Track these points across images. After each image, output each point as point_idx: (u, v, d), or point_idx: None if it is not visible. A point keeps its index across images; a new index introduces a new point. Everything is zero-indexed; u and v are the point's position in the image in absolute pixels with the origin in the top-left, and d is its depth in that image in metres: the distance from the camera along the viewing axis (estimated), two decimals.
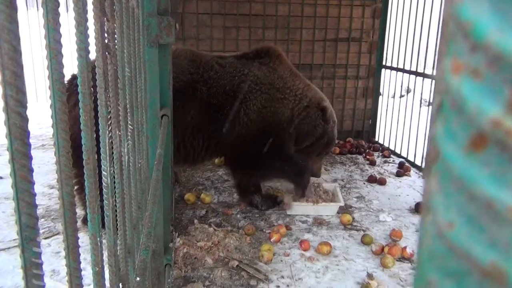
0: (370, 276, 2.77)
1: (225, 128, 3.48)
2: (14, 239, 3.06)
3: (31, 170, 0.41)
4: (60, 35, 0.52)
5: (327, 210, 3.63)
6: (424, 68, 4.93)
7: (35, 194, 0.42)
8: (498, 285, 0.18)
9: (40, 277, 0.43)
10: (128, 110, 1.16)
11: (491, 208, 0.19)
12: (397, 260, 2.96)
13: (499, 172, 0.19)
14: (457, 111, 0.20)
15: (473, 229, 0.19)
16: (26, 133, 0.40)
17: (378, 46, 5.64)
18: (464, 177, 0.20)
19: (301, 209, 3.63)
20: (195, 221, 3.44)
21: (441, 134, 0.21)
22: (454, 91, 0.20)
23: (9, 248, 2.95)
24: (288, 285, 2.69)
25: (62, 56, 0.53)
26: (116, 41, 0.99)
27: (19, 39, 0.38)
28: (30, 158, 0.40)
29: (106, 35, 0.85)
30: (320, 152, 3.88)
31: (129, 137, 1.16)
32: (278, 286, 2.68)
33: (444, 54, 0.21)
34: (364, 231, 3.40)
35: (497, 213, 0.18)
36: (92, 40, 0.78)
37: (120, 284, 0.93)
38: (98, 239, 0.72)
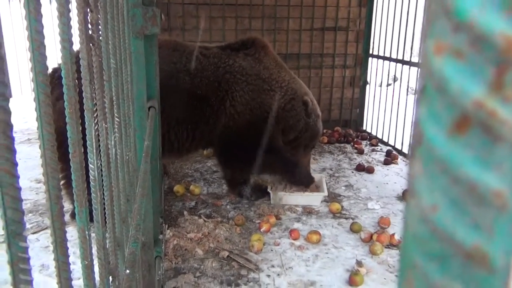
0: (359, 263, 2.80)
1: (211, 119, 3.45)
2: (1, 235, 3.03)
3: (15, 164, 0.40)
4: (42, 26, 0.51)
5: (310, 200, 3.65)
6: (411, 57, 4.96)
7: (20, 188, 0.41)
8: (480, 267, 0.19)
9: (28, 271, 0.43)
10: (115, 102, 1.15)
11: (474, 190, 0.19)
12: (385, 247, 3.00)
13: (482, 154, 0.19)
14: (440, 92, 0.20)
15: (456, 212, 0.19)
16: (9, 126, 0.39)
17: (364, 35, 5.65)
18: (447, 160, 0.20)
19: (284, 198, 3.65)
20: (185, 212, 3.44)
21: (424, 117, 0.21)
22: (437, 72, 0.20)
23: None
24: (278, 274, 2.71)
25: (44, 47, 0.52)
26: (100, 32, 0.98)
27: (0, 29, 0.37)
28: (14, 151, 0.40)
29: (90, 26, 0.84)
30: (306, 146, 3.85)
31: (116, 129, 1.15)
32: (269, 275, 2.69)
33: (427, 36, 0.21)
34: (352, 219, 3.44)
35: (480, 195, 0.19)
36: (76, 32, 0.76)
37: (110, 277, 0.93)
38: (87, 232, 0.71)
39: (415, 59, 4.98)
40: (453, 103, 0.19)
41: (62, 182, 2.84)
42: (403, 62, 5.03)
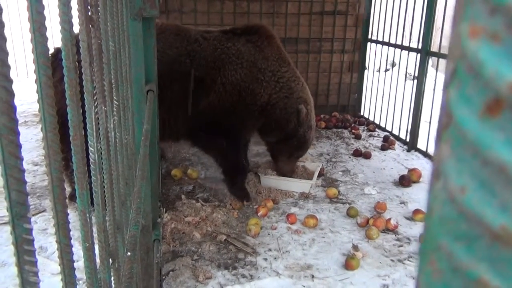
0: (355, 247, 2.83)
1: (201, 97, 3.35)
2: (2, 216, 3.04)
3: (19, 146, 0.40)
4: (43, 7, 0.51)
5: (298, 186, 3.65)
6: (410, 42, 4.94)
7: (24, 170, 0.41)
8: (508, 247, 0.19)
9: (32, 253, 0.43)
10: (113, 85, 1.14)
11: (504, 172, 0.19)
12: (381, 232, 3.03)
13: None
14: (473, 75, 0.20)
15: (485, 193, 0.20)
16: (13, 108, 0.39)
17: (364, 20, 5.61)
18: (478, 142, 0.20)
19: (273, 182, 3.66)
20: (183, 196, 3.45)
21: (455, 99, 0.21)
22: (470, 55, 0.20)
23: None
24: (275, 258, 2.73)
25: (45, 28, 0.51)
26: (99, 13, 0.96)
27: (1, 9, 0.37)
28: (17, 133, 0.40)
29: (89, 7, 0.83)
30: (290, 154, 3.72)
31: (114, 112, 1.15)
32: (266, 259, 2.72)
33: (461, 19, 0.20)
34: (349, 204, 3.46)
35: (509, 177, 0.19)
36: (75, 13, 0.75)
37: (110, 259, 0.93)
38: (88, 215, 0.72)
39: (413, 44, 4.95)
40: (486, 86, 0.19)
41: None
42: (401, 47, 5.01)
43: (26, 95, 5.98)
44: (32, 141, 4.56)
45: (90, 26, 0.84)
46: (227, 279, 2.52)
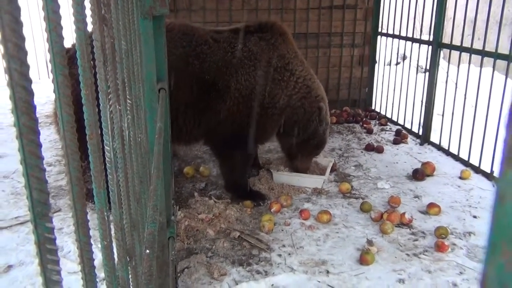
0: (370, 242, 2.82)
1: (218, 105, 3.28)
2: (15, 217, 3.08)
3: (39, 145, 0.40)
4: (59, 6, 0.51)
5: (311, 182, 3.64)
6: (420, 34, 4.88)
7: (44, 170, 0.41)
8: None
9: (54, 251, 0.43)
10: (126, 84, 1.15)
11: None
12: (396, 226, 3.01)
13: None
14: None
15: None
16: (33, 108, 0.39)
17: (373, 13, 5.56)
18: None
19: (285, 178, 3.66)
20: (195, 194, 3.46)
21: None
22: None
23: (11, 226, 2.97)
24: (289, 254, 2.73)
25: (61, 27, 0.51)
26: (111, 13, 0.97)
27: (20, 9, 0.37)
28: (37, 133, 0.40)
29: (102, 6, 0.83)
30: (309, 153, 3.71)
31: (128, 111, 1.15)
32: (280, 255, 2.72)
33: None
34: (363, 198, 3.44)
35: None
36: (89, 12, 0.75)
37: (127, 257, 0.94)
38: (105, 213, 0.72)
39: (424, 36, 4.89)
40: None
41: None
42: (412, 40, 4.95)
43: (38, 97, 6.04)
44: (45, 141, 4.60)
45: (104, 25, 0.84)
46: (241, 275, 2.52)
